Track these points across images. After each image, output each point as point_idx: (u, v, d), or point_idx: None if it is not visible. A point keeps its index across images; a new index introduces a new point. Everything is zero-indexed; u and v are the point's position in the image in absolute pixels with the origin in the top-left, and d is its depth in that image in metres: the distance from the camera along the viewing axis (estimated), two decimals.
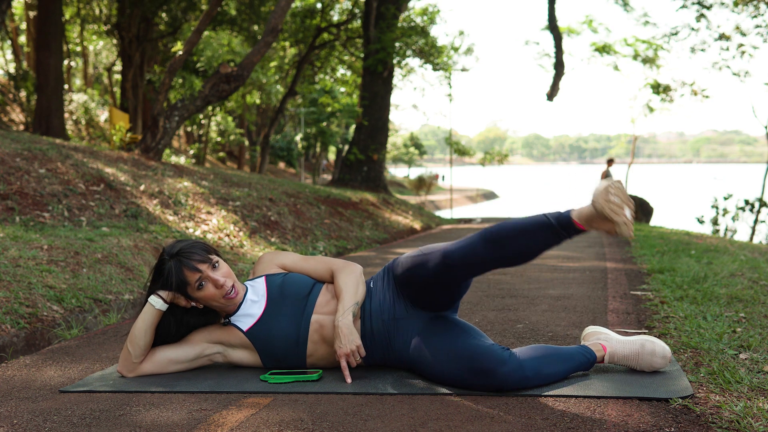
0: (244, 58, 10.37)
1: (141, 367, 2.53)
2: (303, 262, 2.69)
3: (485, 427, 1.98)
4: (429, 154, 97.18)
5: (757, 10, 16.42)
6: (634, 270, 5.50)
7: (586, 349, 2.47)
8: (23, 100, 17.53)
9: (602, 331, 2.60)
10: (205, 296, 2.48)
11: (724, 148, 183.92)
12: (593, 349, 2.48)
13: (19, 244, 4.58)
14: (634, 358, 2.45)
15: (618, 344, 2.49)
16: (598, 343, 2.52)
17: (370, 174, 17.30)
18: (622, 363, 2.48)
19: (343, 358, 2.40)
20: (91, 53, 27.41)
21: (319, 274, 2.65)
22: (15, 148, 7.12)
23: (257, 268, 2.72)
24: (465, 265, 2.32)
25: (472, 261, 2.31)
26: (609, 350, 2.48)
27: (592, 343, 2.54)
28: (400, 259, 2.51)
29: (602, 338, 2.55)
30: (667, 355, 2.41)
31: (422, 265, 2.39)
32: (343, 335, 2.40)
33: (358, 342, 2.40)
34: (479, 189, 45.75)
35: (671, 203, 29.06)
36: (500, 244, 2.28)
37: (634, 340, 2.47)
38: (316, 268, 2.66)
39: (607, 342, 2.51)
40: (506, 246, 2.28)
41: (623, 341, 2.49)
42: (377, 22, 17.15)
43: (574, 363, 2.40)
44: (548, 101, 18.32)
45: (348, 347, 2.39)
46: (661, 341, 2.45)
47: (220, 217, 7.55)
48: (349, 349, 2.39)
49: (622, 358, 2.47)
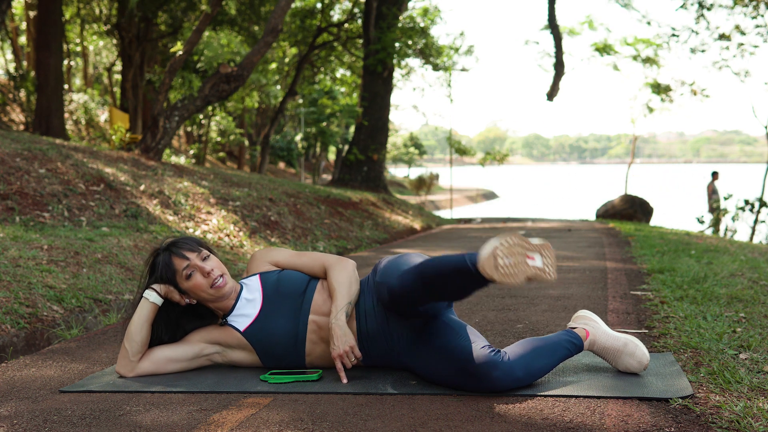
0: (244, 58, 10.37)
1: (139, 366, 2.53)
2: (296, 259, 2.68)
3: (485, 427, 1.98)
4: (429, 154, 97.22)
5: (757, 10, 16.42)
6: (634, 270, 5.50)
7: (572, 334, 2.47)
8: (23, 100, 17.52)
9: (592, 318, 2.59)
10: (194, 286, 2.49)
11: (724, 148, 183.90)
12: (579, 334, 2.48)
13: (19, 244, 4.58)
14: (613, 353, 2.45)
15: (602, 335, 2.48)
16: (583, 328, 2.52)
17: (370, 174, 17.29)
18: (599, 353, 2.49)
19: (337, 360, 2.39)
20: (91, 53, 27.41)
21: (312, 271, 2.64)
22: (15, 148, 7.12)
23: (251, 266, 2.71)
24: (405, 299, 2.31)
25: (410, 296, 2.29)
26: (591, 337, 2.48)
27: (578, 326, 2.53)
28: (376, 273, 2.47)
29: (590, 324, 2.54)
30: (644, 361, 2.40)
31: (380, 293, 2.38)
32: (336, 336, 2.39)
33: (352, 343, 2.40)
34: (479, 189, 45.72)
35: (671, 203, 29.06)
36: (429, 281, 2.25)
37: (618, 337, 2.47)
38: (309, 264, 2.65)
39: (592, 329, 2.51)
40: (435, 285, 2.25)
41: (608, 334, 2.49)
42: (377, 22, 17.14)
43: (562, 352, 2.40)
44: (548, 101, 18.31)
45: (342, 348, 2.38)
46: (645, 348, 2.44)
47: (220, 217, 7.55)
48: (342, 350, 2.38)
49: (601, 349, 2.48)
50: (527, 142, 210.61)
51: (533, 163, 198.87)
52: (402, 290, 2.28)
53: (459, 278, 2.20)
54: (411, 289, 2.27)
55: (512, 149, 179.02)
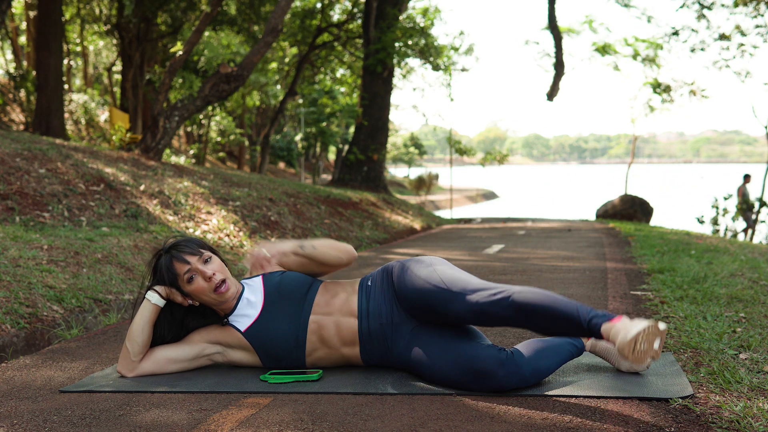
0: (244, 58, 10.37)
1: (140, 367, 2.53)
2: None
3: (485, 427, 1.98)
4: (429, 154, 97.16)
5: (757, 10, 16.42)
6: (634, 270, 5.50)
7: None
8: (23, 100, 17.52)
9: None
10: (195, 290, 2.49)
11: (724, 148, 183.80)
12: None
13: (19, 244, 4.58)
14: (615, 354, 2.48)
15: None
16: None
17: (370, 174, 17.29)
18: (601, 355, 2.52)
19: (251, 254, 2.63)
20: (91, 53, 27.41)
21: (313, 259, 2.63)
22: (15, 148, 7.12)
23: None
24: (487, 320, 2.30)
25: (496, 320, 2.29)
26: (592, 339, 2.49)
27: None
28: (406, 274, 2.44)
29: None
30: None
31: (441, 301, 2.33)
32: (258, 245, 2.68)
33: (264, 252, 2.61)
34: (479, 189, 45.72)
35: (671, 203, 29.06)
36: (530, 317, 2.25)
37: None
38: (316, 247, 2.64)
39: None
40: (534, 321, 2.25)
41: None
42: (377, 22, 17.14)
43: (565, 353, 2.43)
44: (548, 101, 18.31)
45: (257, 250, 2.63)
46: None
47: (220, 217, 7.55)
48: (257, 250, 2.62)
49: (603, 350, 2.51)
50: (527, 142, 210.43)
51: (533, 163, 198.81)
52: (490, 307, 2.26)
53: (561, 322, 2.22)
54: (502, 315, 2.26)
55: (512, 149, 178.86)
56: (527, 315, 2.23)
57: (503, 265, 6.10)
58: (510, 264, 6.15)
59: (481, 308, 2.27)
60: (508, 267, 5.91)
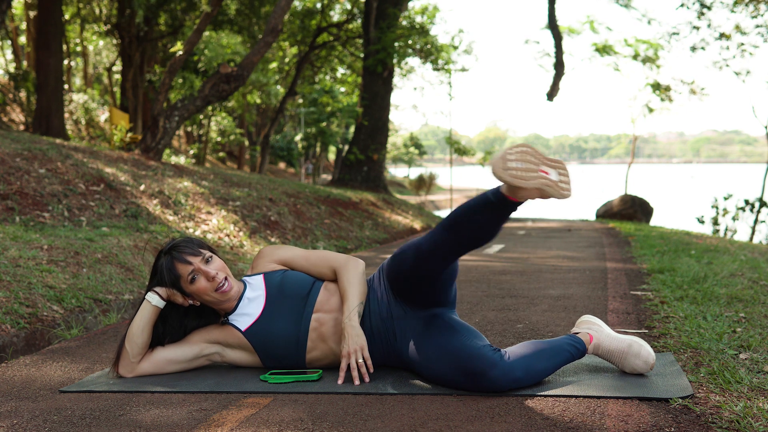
0: (244, 58, 10.37)
1: (139, 367, 2.53)
2: (304, 261, 2.66)
3: (485, 427, 1.98)
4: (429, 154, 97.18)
5: (757, 10, 16.42)
6: (634, 270, 5.50)
7: (575, 338, 2.47)
8: (23, 100, 17.53)
9: (595, 322, 2.58)
10: (198, 290, 2.48)
11: (724, 148, 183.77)
12: (582, 339, 2.48)
13: (19, 244, 4.58)
14: (618, 355, 2.45)
15: (606, 338, 2.48)
16: (586, 332, 2.52)
17: (370, 174, 17.29)
18: (605, 357, 2.49)
19: (345, 358, 2.39)
20: (91, 53, 27.41)
21: (321, 273, 2.64)
22: (15, 148, 7.12)
23: (257, 262, 2.70)
24: (435, 255, 2.32)
25: (440, 250, 2.31)
26: (595, 341, 2.48)
27: (582, 331, 2.53)
28: (392, 257, 2.52)
29: (593, 329, 2.54)
30: (650, 361, 2.40)
31: (401, 264, 2.41)
32: (349, 336, 2.40)
33: (363, 343, 2.40)
34: (479, 189, 45.73)
35: (671, 203, 29.04)
36: (456, 228, 2.27)
37: (622, 339, 2.47)
38: (317, 266, 2.64)
39: (596, 333, 2.51)
40: (463, 229, 2.26)
41: (612, 337, 2.49)
42: (377, 22, 17.14)
43: (564, 355, 2.40)
44: (548, 101, 18.31)
45: (352, 347, 2.39)
46: (650, 347, 2.44)
47: (220, 217, 7.55)
48: (352, 348, 2.38)
49: (606, 352, 2.48)
50: (527, 142, 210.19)
51: None
52: (430, 245, 2.30)
53: (483, 210, 2.21)
54: (439, 242, 2.29)
55: None
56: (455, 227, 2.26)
57: (503, 265, 6.10)
58: (510, 264, 6.15)
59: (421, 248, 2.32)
60: (508, 267, 5.91)
